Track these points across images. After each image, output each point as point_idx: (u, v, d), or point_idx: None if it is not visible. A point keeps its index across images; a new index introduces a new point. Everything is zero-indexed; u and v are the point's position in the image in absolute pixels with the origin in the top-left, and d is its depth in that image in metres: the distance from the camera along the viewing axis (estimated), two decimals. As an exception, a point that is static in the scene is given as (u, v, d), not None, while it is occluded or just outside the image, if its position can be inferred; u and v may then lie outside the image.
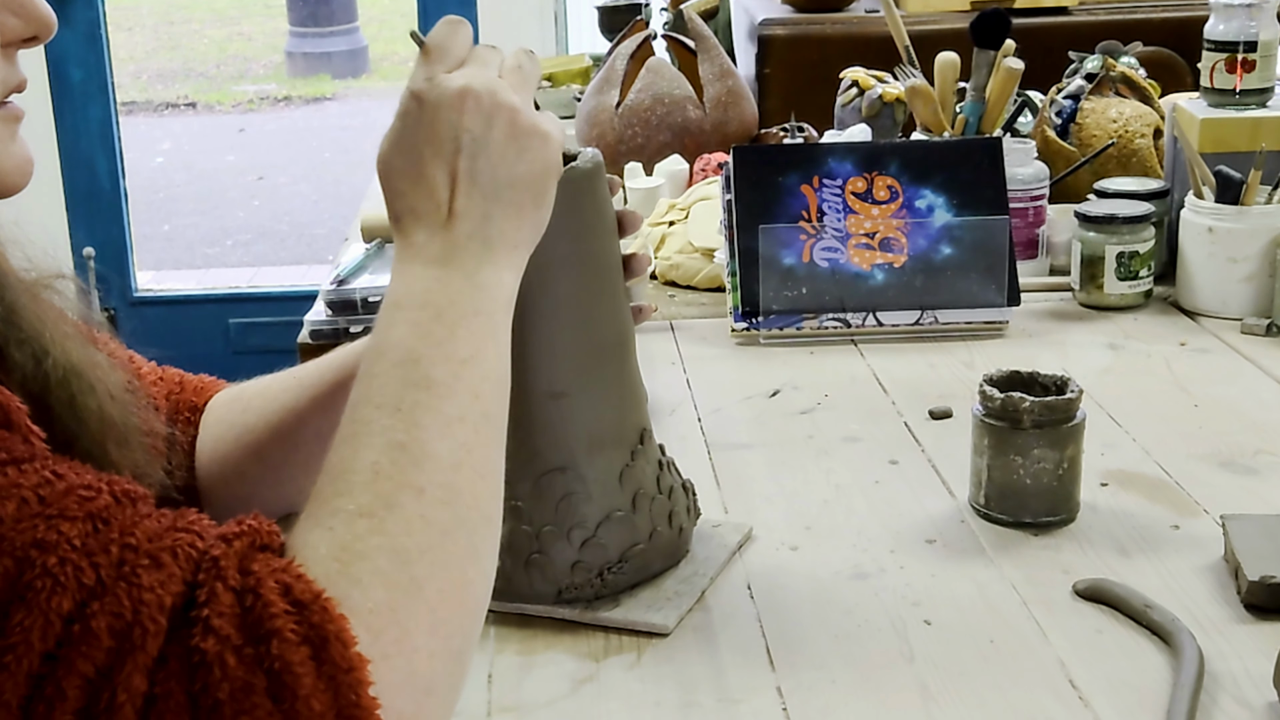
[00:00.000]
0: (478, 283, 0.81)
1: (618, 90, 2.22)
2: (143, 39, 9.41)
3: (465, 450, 0.76)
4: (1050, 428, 1.10)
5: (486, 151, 0.82)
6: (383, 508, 0.72)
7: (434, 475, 0.74)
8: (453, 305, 0.80)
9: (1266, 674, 0.90)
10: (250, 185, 6.83)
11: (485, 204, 0.82)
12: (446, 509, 0.73)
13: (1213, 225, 1.58)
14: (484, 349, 0.80)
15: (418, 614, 0.69)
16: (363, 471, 0.73)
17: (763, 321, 1.55)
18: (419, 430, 0.75)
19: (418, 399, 0.76)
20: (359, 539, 0.70)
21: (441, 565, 0.71)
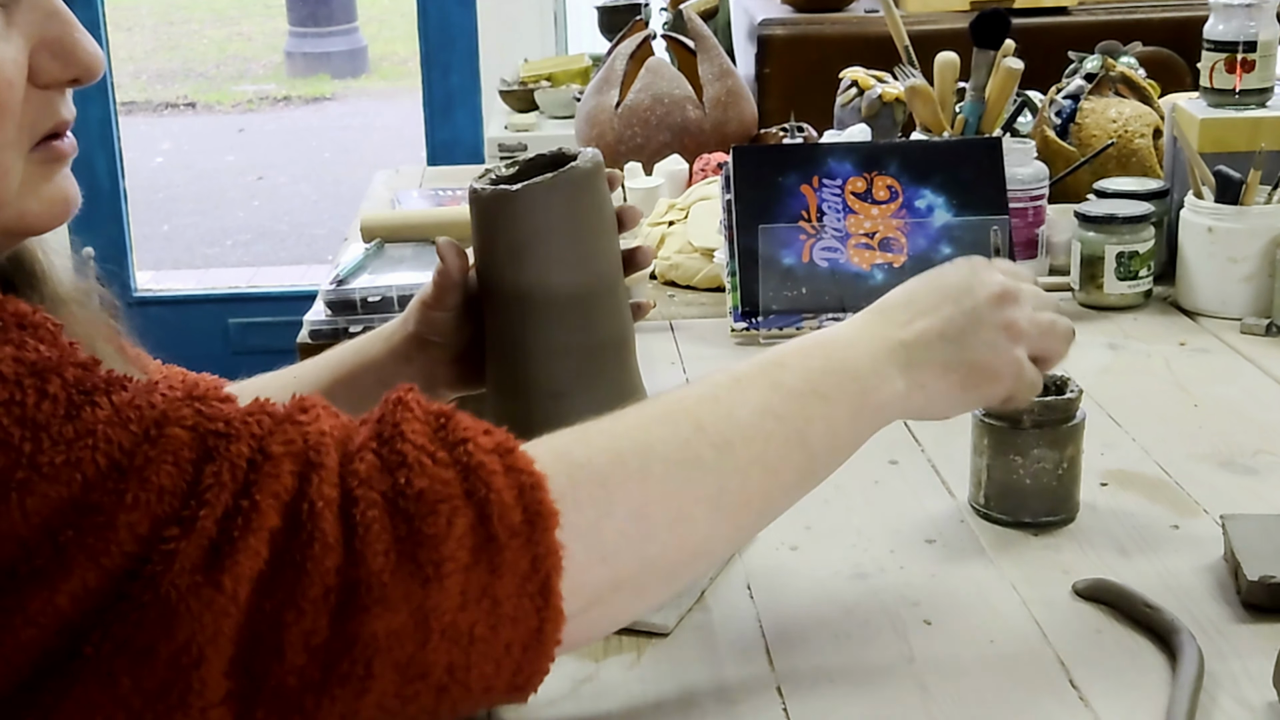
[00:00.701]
0: (878, 368, 0.89)
1: (617, 90, 2.22)
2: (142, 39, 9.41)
3: (764, 437, 0.83)
4: (1050, 428, 1.10)
5: (974, 322, 0.93)
6: (659, 416, 0.81)
7: (721, 425, 0.81)
8: (845, 359, 0.89)
9: (1266, 674, 0.90)
10: (250, 185, 6.83)
11: (939, 342, 0.92)
12: (712, 451, 0.80)
13: (1212, 225, 1.58)
14: (839, 402, 0.87)
15: (628, 495, 0.76)
16: (670, 397, 0.83)
17: (762, 321, 1.55)
18: (739, 395, 0.83)
19: (758, 381, 0.85)
20: (620, 423, 0.80)
21: (678, 481, 0.78)
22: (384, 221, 1.96)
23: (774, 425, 0.83)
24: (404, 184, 2.39)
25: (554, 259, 0.97)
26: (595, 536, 0.74)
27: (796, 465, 0.85)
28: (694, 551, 0.80)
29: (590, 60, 3.62)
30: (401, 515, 0.69)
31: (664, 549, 0.78)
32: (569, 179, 0.97)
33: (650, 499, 0.77)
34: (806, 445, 0.85)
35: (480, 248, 1.00)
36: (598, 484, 0.76)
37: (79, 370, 0.69)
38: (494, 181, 1.00)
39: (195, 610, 0.65)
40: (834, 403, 0.86)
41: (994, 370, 0.93)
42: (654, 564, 0.78)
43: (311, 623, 0.67)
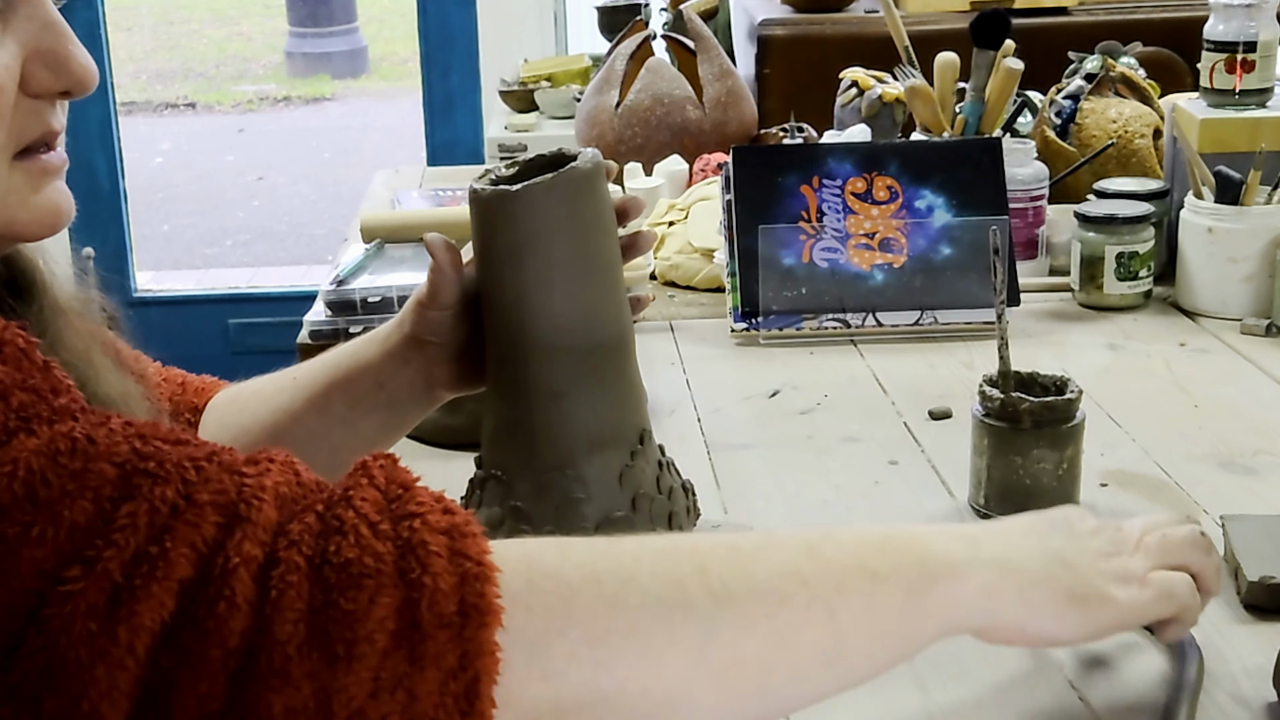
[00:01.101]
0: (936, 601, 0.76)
1: (617, 90, 2.22)
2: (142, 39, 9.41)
3: (780, 599, 0.72)
4: (1050, 428, 1.10)
5: (1080, 570, 0.80)
6: (660, 549, 0.72)
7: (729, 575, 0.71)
8: (909, 546, 0.76)
9: (1266, 674, 0.90)
10: (250, 185, 6.82)
11: (1040, 555, 0.80)
12: (709, 600, 0.70)
13: (1212, 225, 1.58)
14: (891, 588, 0.74)
15: (591, 617, 0.68)
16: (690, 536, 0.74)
17: (762, 322, 1.55)
18: (767, 551, 0.74)
19: (793, 545, 0.75)
20: (614, 544, 0.72)
21: (652, 620, 0.69)
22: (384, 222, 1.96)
23: (796, 589, 0.72)
24: (404, 184, 2.38)
25: (554, 259, 0.97)
26: (541, 650, 0.66)
27: (817, 642, 0.73)
28: (660, 702, 0.69)
29: (590, 60, 3.62)
30: (321, 585, 0.63)
31: (622, 687, 0.68)
32: (569, 179, 0.97)
33: (615, 629, 0.68)
34: (835, 622, 0.73)
35: (480, 248, 1.00)
36: (559, 597, 0.67)
37: (28, 395, 0.65)
38: (494, 182, 1.00)
39: (87, 661, 0.60)
40: (884, 582, 0.74)
41: (1106, 585, 0.81)
42: (607, 700, 0.68)
43: (208, 688, 0.61)
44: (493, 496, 1.01)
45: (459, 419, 1.28)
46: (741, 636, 0.70)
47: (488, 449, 1.02)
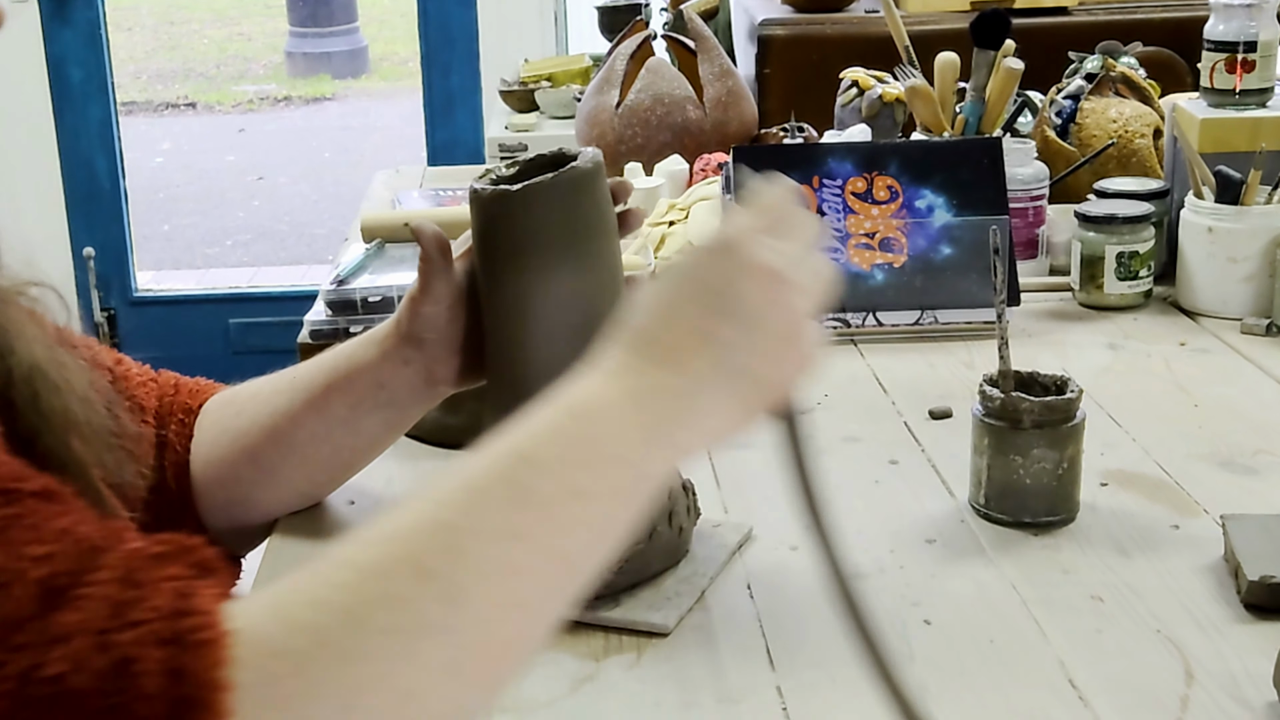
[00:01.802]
0: (651, 436, 0.73)
1: (618, 90, 2.22)
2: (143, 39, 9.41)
3: (510, 570, 0.67)
4: (1050, 428, 1.10)
5: (753, 333, 0.76)
6: (374, 570, 0.65)
7: (453, 570, 0.65)
8: (611, 440, 0.72)
9: (1266, 674, 0.90)
10: (250, 185, 6.82)
11: (714, 377, 0.75)
12: (443, 607, 0.65)
13: (1212, 225, 1.58)
14: (606, 497, 0.72)
15: (338, 683, 0.61)
16: (391, 528, 0.67)
17: (763, 321, 1.55)
18: (474, 520, 0.68)
19: (498, 495, 0.69)
20: (326, 585, 0.64)
21: (400, 657, 0.63)
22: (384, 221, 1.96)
23: (519, 551, 0.68)
24: (404, 184, 2.38)
25: (554, 259, 0.97)
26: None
27: (555, 587, 0.69)
28: (437, 713, 0.65)
29: (590, 60, 3.62)
30: (23, 703, 0.58)
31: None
32: (569, 179, 0.97)
33: (364, 685, 0.62)
34: (564, 559, 0.70)
35: (480, 248, 1.00)
36: (296, 674, 0.61)
37: None
38: (494, 181, 1.00)
39: None
40: (598, 499, 0.71)
41: (785, 378, 0.79)
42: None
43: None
44: (493, 496, 1.01)
45: (459, 419, 1.28)
46: (486, 630, 0.66)
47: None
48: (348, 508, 1.19)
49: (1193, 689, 0.90)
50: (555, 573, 0.69)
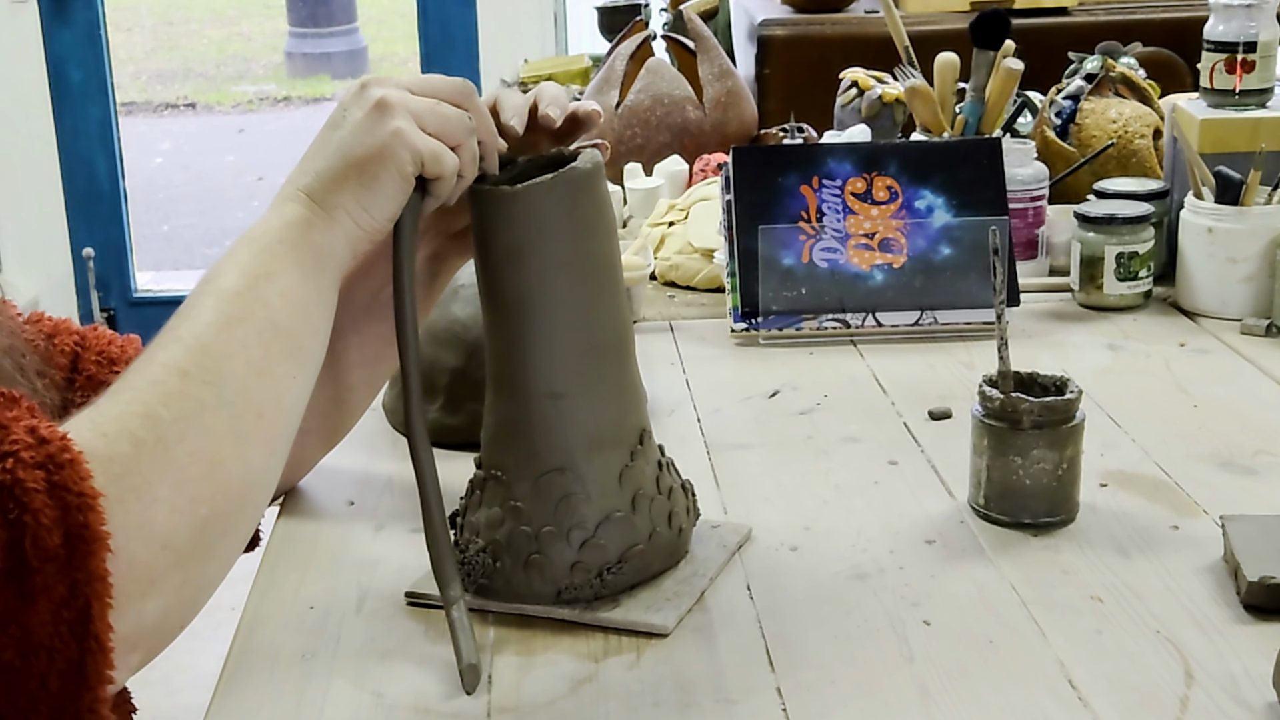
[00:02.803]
0: (287, 218, 0.91)
1: (617, 91, 2.22)
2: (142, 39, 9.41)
3: (241, 345, 0.84)
4: (1050, 428, 1.10)
5: (345, 127, 0.93)
6: (146, 384, 0.80)
7: (201, 360, 0.82)
8: (263, 234, 0.91)
9: (1266, 674, 0.90)
10: (250, 186, 6.82)
11: (323, 165, 0.93)
12: (209, 389, 0.81)
13: (1212, 226, 1.58)
14: (287, 272, 0.89)
15: (160, 470, 0.76)
16: (141, 361, 0.83)
17: (762, 322, 1.55)
18: (195, 324, 0.84)
19: (203, 300, 0.86)
20: (116, 405, 0.79)
21: (194, 434, 0.79)
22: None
23: (242, 330, 0.85)
24: (404, 184, 2.38)
25: (554, 259, 0.97)
26: (150, 528, 0.75)
27: (286, 351, 0.87)
28: (242, 488, 0.82)
29: (590, 61, 3.62)
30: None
31: (213, 504, 0.79)
32: (569, 179, 0.97)
33: (180, 462, 0.78)
34: (280, 327, 0.87)
35: (480, 248, 1.00)
36: (128, 474, 0.75)
37: None
38: (494, 182, 1.00)
39: None
40: (281, 274, 0.89)
41: (377, 149, 0.92)
42: (209, 523, 0.78)
43: None
44: (493, 496, 1.01)
45: (459, 419, 1.28)
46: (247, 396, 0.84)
47: (487, 449, 1.02)
48: (348, 508, 1.19)
49: (1193, 689, 0.90)
50: (278, 340, 0.87)
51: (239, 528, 0.82)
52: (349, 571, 1.08)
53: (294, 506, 1.20)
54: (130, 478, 0.74)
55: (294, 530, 1.16)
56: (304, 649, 0.97)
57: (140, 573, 0.73)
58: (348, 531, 1.15)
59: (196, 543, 0.77)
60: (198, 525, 0.77)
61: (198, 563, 0.77)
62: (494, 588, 1.00)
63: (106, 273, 3.96)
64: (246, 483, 0.82)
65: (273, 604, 1.04)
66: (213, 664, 0.97)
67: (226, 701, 0.92)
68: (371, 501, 1.20)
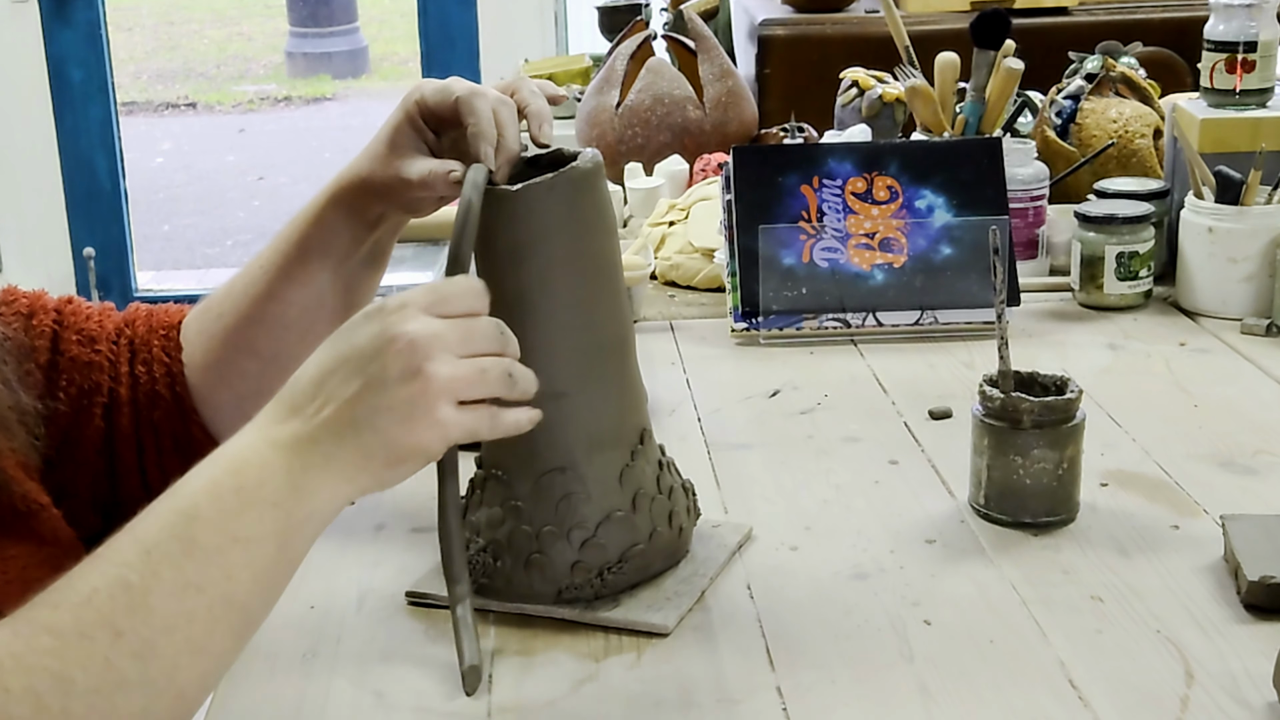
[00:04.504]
0: (295, 482, 0.81)
1: (618, 90, 2.22)
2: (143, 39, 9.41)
3: (188, 619, 0.76)
4: (1050, 428, 1.10)
5: (384, 396, 0.82)
6: (74, 633, 0.73)
7: (140, 627, 0.74)
8: (260, 487, 0.80)
9: (1266, 674, 0.90)
10: (250, 185, 6.82)
11: (351, 430, 0.82)
12: (136, 663, 0.73)
13: (1213, 225, 1.58)
14: (264, 541, 0.79)
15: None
16: (80, 592, 0.74)
17: (763, 321, 1.55)
18: (152, 579, 0.75)
19: (169, 550, 0.77)
20: (33, 651, 0.71)
21: (103, 713, 0.72)
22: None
23: (195, 601, 0.76)
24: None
25: (554, 259, 0.97)
26: None
27: (230, 628, 0.79)
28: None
29: (590, 60, 3.62)
30: None
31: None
32: (569, 179, 0.97)
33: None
34: (235, 603, 0.78)
35: (480, 248, 1.00)
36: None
37: None
38: (494, 182, 1.00)
39: None
40: (257, 543, 0.79)
41: (415, 443, 0.83)
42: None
43: None
44: (493, 496, 1.01)
45: (459, 419, 1.28)
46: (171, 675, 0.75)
47: (488, 449, 1.02)
48: (348, 508, 1.19)
49: (1193, 689, 0.90)
50: (229, 616, 0.78)
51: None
52: (349, 571, 1.08)
53: (294, 506, 1.20)
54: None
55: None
56: (304, 649, 0.98)
57: None
58: (348, 531, 1.15)
59: None
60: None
61: None
62: (494, 587, 1.00)
63: (107, 272, 3.96)
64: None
65: (273, 604, 1.04)
66: (213, 664, 0.97)
67: (226, 701, 0.92)
68: (371, 501, 1.20)
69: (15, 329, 1.07)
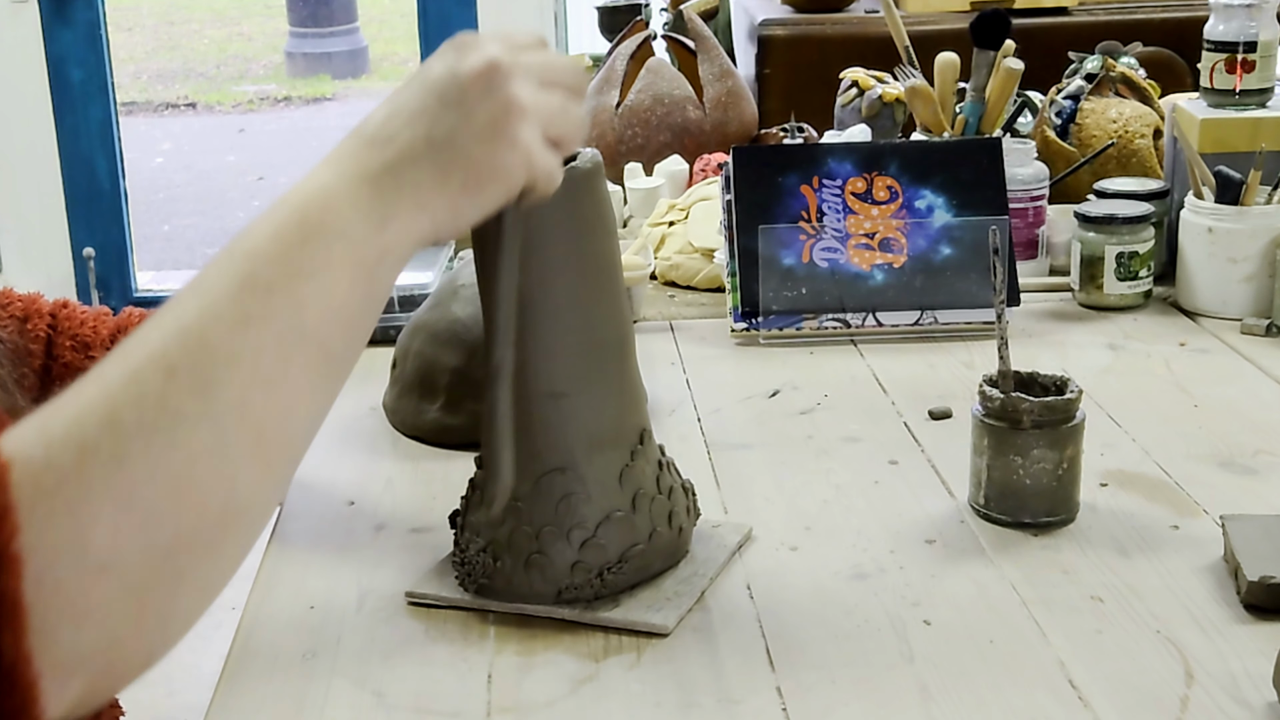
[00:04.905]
0: (365, 211, 0.76)
1: (618, 91, 2.22)
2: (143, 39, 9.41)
3: (254, 352, 0.70)
4: (1050, 428, 1.10)
5: (463, 114, 0.79)
6: (122, 375, 0.68)
7: (197, 358, 0.69)
8: (326, 219, 0.75)
9: (1266, 674, 0.90)
10: (250, 185, 6.82)
11: (427, 150, 0.78)
12: (196, 398, 0.68)
13: (1212, 225, 1.58)
14: (334, 273, 0.74)
15: (106, 485, 0.65)
16: (132, 344, 0.70)
17: (762, 322, 1.55)
18: (210, 319, 0.70)
19: (229, 289, 0.71)
20: (79, 402, 0.67)
21: (161, 448, 0.66)
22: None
23: (260, 334, 0.71)
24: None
25: (554, 259, 0.97)
26: (83, 549, 0.64)
27: (308, 363, 0.73)
28: (222, 513, 0.69)
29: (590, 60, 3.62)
30: None
31: (179, 528, 0.67)
32: (569, 179, 0.97)
33: (135, 481, 0.65)
34: (308, 336, 0.72)
35: (480, 248, 1.00)
36: (67, 484, 0.64)
37: None
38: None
39: None
40: (326, 275, 0.73)
41: (497, 164, 0.79)
42: (174, 549, 0.67)
43: None
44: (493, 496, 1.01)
45: (459, 419, 1.28)
46: (243, 412, 0.69)
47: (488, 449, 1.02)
48: (348, 508, 1.19)
49: (1193, 689, 0.90)
50: (303, 350, 0.72)
51: (221, 556, 0.70)
52: (349, 571, 1.08)
53: (294, 506, 1.20)
54: (65, 491, 0.64)
55: (294, 530, 1.16)
56: (304, 649, 0.98)
57: (69, 597, 0.63)
58: (348, 531, 1.15)
59: (155, 569, 0.66)
60: (156, 550, 0.66)
61: (160, 591, 0.67)
62: (494, 587, 1.00)
63: (107, 273, 3.95)
64: (229, 507, 0.69)
65: (273, 604, 1.04)
66: (213, 664, 0.97)
67: (227, 701, 0.92)
68: (371, 501, 1.20)
69: (10, 332, 1.06)
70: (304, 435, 0.74)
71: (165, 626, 0.68)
